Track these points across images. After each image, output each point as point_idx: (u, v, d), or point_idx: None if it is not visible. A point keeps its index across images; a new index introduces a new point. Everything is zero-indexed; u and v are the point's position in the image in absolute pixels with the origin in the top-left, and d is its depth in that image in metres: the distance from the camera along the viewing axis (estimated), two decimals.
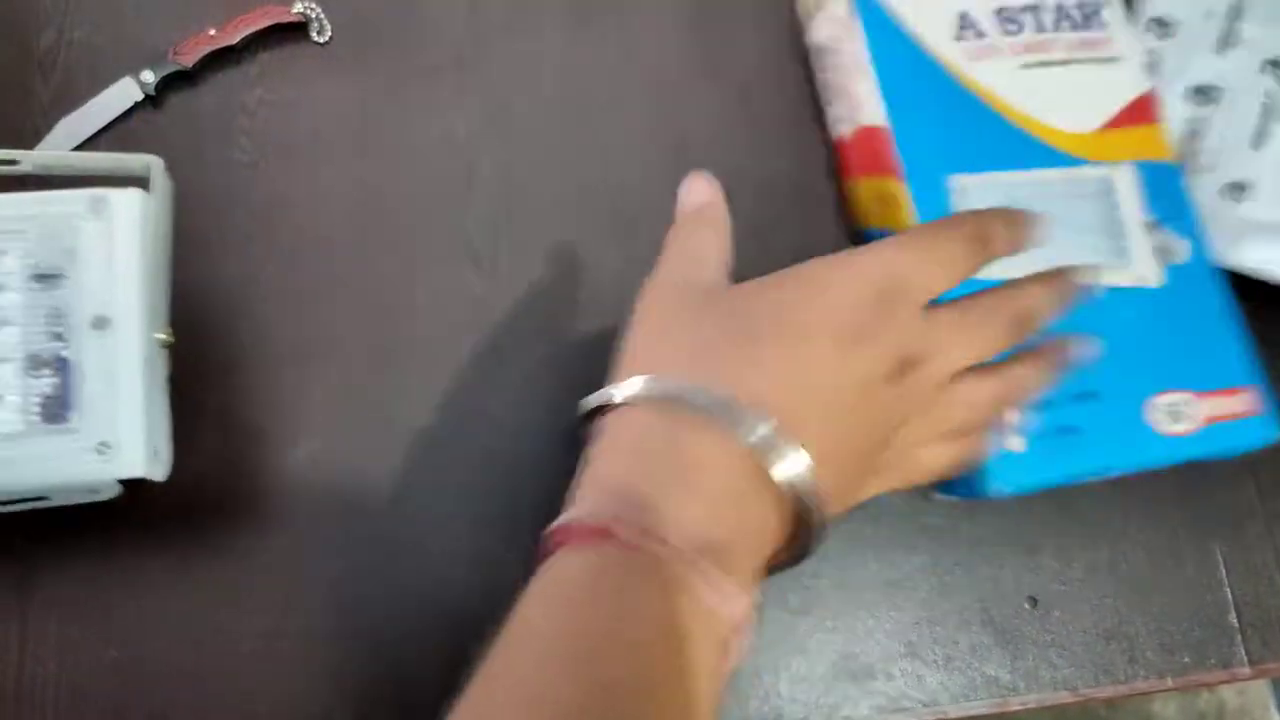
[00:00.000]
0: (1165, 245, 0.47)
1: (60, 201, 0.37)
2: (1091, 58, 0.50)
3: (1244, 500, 0.50)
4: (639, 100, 0.53)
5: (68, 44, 0.50)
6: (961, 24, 0.50)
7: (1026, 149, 0.48)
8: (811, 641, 0.45)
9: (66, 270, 0.36)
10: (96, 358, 0.36)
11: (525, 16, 0.54)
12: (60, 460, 0.35)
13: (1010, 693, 0.46)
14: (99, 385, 0.35)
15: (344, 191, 0.49)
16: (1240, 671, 0.47)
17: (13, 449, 0.35)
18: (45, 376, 0.35)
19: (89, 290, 0.36)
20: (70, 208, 0.37)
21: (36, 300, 0.36)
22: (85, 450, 0.35)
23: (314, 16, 0.51)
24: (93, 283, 0.36)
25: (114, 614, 0.42)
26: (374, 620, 0.43)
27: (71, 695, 0.40)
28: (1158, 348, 0.46)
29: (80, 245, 0.36)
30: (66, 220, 0.37)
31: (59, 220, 0.37)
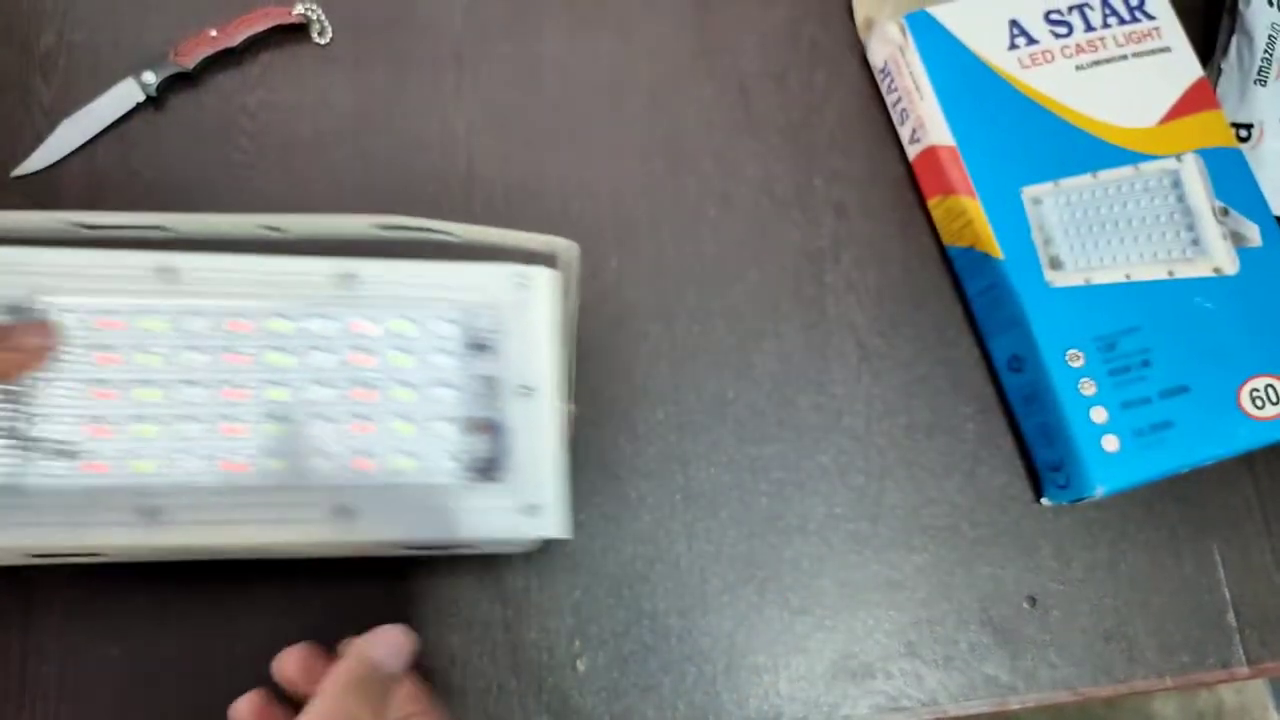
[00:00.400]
0: (1237, 231, 0.48)
1: (491, 275, 0.40)
2: (1143, 50, 0.51)
3: (1242, 500, 0.50)
4: (639, 100, 0.53)
5: (69, 46, 0.50)
6: (1013, 32, 0.50)
7: (1092, 151, 0.49)
8: (811, 640, 0.46)
9: (495, 340, 0.40)
10: (523, 423, 0.39)
11: (524, 17, 0.54)
12: (492, 516, 0.37)
13: (1009, 692, 0.46)
14: (526, 449, 0.38)
15: (345, 192, 0.49)
16: (1238, 671, 0.48)
17: (451, 501, 0.37)
18: (480, 438, 0.38)
19: (515, 360, 0.39)
20: (500, 282, 0.40)
21: (471, 367, 0.39)
22: (516, 510, 0.38)
23: (315, 18, 0.51)
24: (517, 353, 0.39)
25: (116, 613, 0.42)
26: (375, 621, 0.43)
27: (74, 694, 0.41)
28: (1240, 335, 0.46)
29: (507, 318, 0.40)
30: (496, 293, 0.40)
31: (490, 293, 0.40)
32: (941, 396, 0.50)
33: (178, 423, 0.37)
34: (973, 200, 0.48)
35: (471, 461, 0.38)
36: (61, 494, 0.35)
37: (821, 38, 0.55)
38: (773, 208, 0.52)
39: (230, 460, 0.36)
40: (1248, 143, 0.53)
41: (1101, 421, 0.45)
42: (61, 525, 0.35)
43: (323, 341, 0.38)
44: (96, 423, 0.36)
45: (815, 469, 0.48)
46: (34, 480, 0.35)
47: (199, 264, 0.38)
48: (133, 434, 0.36)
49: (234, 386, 0.37)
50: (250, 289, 0.38)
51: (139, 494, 0.35)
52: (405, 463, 0.38)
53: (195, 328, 0.37)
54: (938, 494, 0.48)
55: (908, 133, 0.52)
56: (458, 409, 0.39)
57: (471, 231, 0.41)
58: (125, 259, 0.37)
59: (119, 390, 0.37)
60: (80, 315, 0.37)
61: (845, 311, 0.51)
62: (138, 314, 0.37)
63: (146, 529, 0.35)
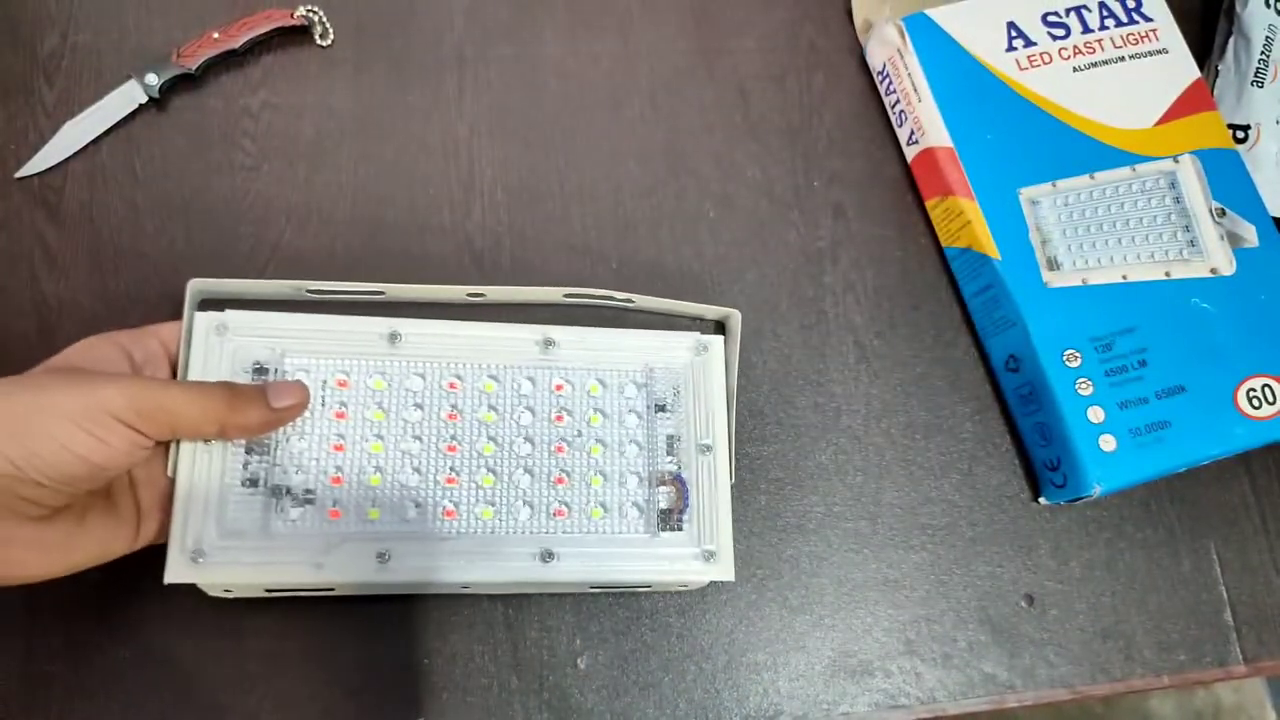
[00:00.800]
0: (1234, 231, 0.48)
1: (674, 342, 0.45)
2: (1141, 52, 0.51)
3: (1239, 500, 0.50)
4: (639, 102, 0.53)
5: (71, 47, 0.50)
6: (1011, 34, 0.51)
7: (1089, 152, 0.49)
8: (811, 639, 0.46)
9: (674, 401, 0.44)
10: (702, 478, 0.43)
11: (525, 20, 0.54)
12: (672, 562, 0.42)
13: (1008, 690, 0.46)
14: (704, 501, 0.43)
15: (346, 193, 0.49)
16: (1235, 669, 0.48)
17: (635, 549, 0.42)
18: (663, 491, 0.43)
19: (692, 419, 0.44)
20: (681, 348, 0.45)
21: (654, 425, 0.44)
22: (694, 556, 0.42)
23: (316, 20, 0.51)
24: (695, 413, 0.44)
25: (120, 612, 0.42)
26: (376, 620, 0.43)
27: (80, 695, 0.41)
28: (1237, 335, 0.47)
29: (685, 380, 0.44)
30: (677, 358, 0.45)
31: (671, 358, 0.45)
32: (939, 396, 0.50)
33: (400, 473, 0.41)
34: (971, 201, 0.48)
35: (655, 511, 0.43)
36: (304, 537, 0.39)
37: (820, 40, 0.56)
38: (772, 209, 0.52)
39: (448, 508, 0.41)
40: (1245, 144, 0.53)
41: (1099, 421, 0.45)
42: (304, 565, 0.38)
43: (528, 401, 0.43)
44: (335, 473, 0.40)
45: (814, 468, 0.48)
46: (280, 525, 0.39)
47: (420, 329, 0.42)
48: (363, 483, 0.40)
49: (451, 441, 0.42)
50: (464, 354, 0.43)
51: (371, 539, 0.39)
52: (597, 512, 0.42)
53: (415, 387, 0.42)
54: (936, 493, 0.48)
55: (906, 134, 0.53)
56: (643, 464, 0.43)
57: (649, 301, 0.47)
58: (359, 324, 0.42)
59: (351, 444, 0.41)
60: (316, 375, 0.41)
61: (844, 312, 0.51)
62: (367, 374, 0.42)
63: (377, 570, 0.39)
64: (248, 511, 0.39)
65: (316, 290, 0.44)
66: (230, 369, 0.40)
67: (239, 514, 0.38)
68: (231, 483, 0.39)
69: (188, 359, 0.40)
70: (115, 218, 0.47)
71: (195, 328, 0.40)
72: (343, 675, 0.42)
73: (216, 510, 0.38)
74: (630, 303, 0.46)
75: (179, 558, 0.37)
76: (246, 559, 0.38)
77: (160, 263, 0.47)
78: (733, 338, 0.46)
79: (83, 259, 0.46)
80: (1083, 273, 0.47)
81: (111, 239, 0.47)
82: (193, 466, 0.38)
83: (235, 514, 0.38)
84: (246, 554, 0.38)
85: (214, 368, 0.40)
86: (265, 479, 0.39)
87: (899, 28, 0.50)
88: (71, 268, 0.46)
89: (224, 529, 0.38)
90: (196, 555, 0.37)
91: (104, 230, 0.47)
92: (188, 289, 0.40)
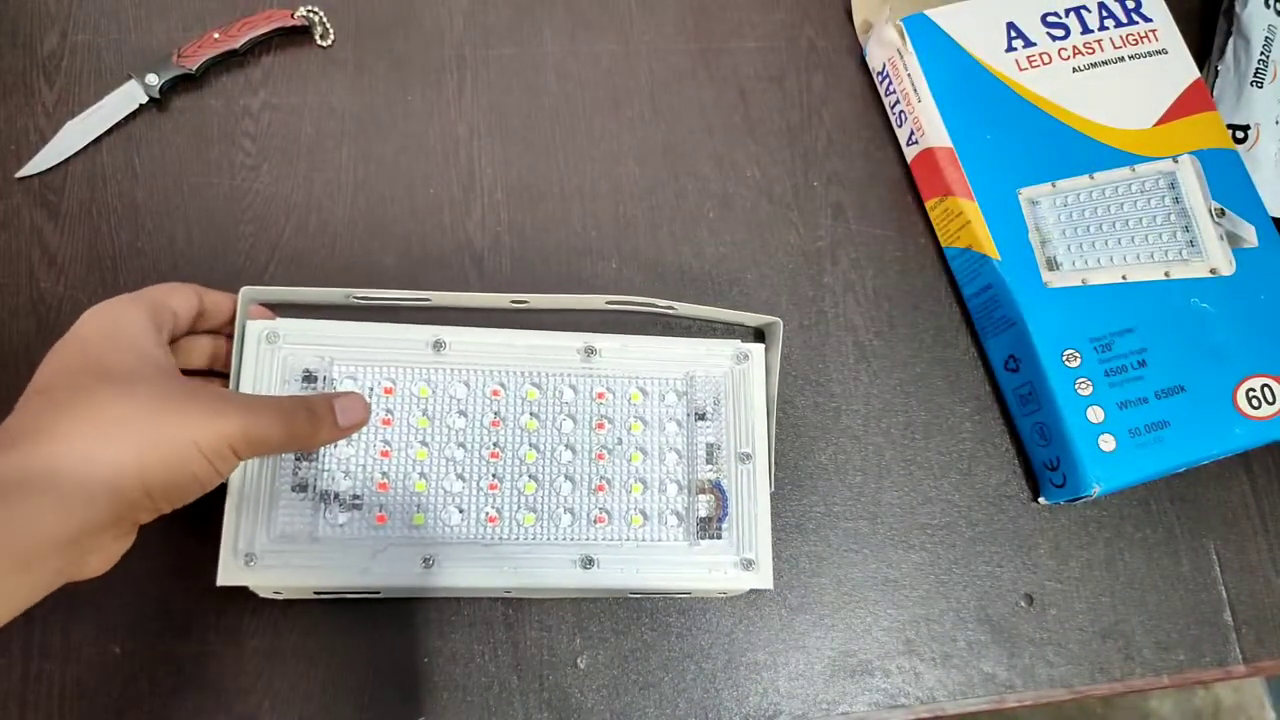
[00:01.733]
0: (1233, 232, 0.48)
1: (714, 350, 0.44)
2: (1140, 52, 0.51)
3: (1239, 499, 0.50)
4: (639, 103, 0.53)
5: (72, 47, 0.50)
6: (1010, 35, 0.51)
7: (1089, 152, 0.49)
8: (810, 638, 0.46)
9: (713, 410, 0.44)
10: (741, 486, 0.43)
11: (525, 21, 0.54)
12: (711, 570, 0.42)
13: (1007, 690, 0.46)
14: (744, 510, 0.43)
15: (346, 193, 0.49)
16: (1235, 669, 0.48)
17: (674, 556, 0.42)
18: (703, 499, 0.43)
19: (732, 427, 0.44)
20: (721, 356, 0.44)
21: (695, 434, 0.43)
22: (732, 564, 0.42)
23: (317, 20, 0.51)
24: (734, 421, 0.44)
25: (118, 611, 0.42)
26: (376, 619, 0.43)
27: (76, 691, 0.41)
28: (1237, 335, 0.47)
29: (726, 389, 0.44)
30: (717, 367, 0.44)
31: (711, 366, 0.44)
32: (939, 396, 0.50)
33: (445, 480, 0.41)
34: (970, 202, 0.48)
35: (695, 520, 0.43)
36: (351, 542, 0.40)
37: (820, 41, 0.56)
38: (771, 209, 0.52)
39: (491, 514, 0.41)
40: (1244, 144, 0.53)
41: (1098, 421, 0.45)
42: (352, 570, 0.39)
43: (570, 409, 0.43)
44: (381, 479, 0.41)
45: (813, 468, 0.48)
46: (328, 529, 0.40)
47: (464, 338, 0.43)
48: (409, 489, 0.41)
49: (494, 448, 0.42)
50: (507, 361, 0.43)
51: (416, 544, 0.40)
52: (637, 520, 0.42)
53: (459, 394, 0.42)
54: (935, 493, 0.48)
55: (905, 134, 0.53)
56: (683, 472, 0.43)
57: (690, 309, 0.46)
58: (405, 332, 0.42)
59: (397, 450, 0.41)
60: (363, 383, 0.42)
61: (843, 312, 0.51)
62: (412, 381, 0.42)
63: (422, 575, 0.40)
64: (297, 516, 0.39)
65: (364, 297, 0.44)
66: (280, 377, 0.41)
67: (289, 518, 0.39)
68: (281, 488, 0.39)
69: (239, 367, 0.40)
70: (115, 217, 0.47)
71: (247, 335, 0.41)
72: (343, 675, 0.42)
73: (267, 515, 0.39)
74: (672, 310, 0.46)
75: (231, 561, 0.38)
76: (296, 562, 0.39)
77: (160, 262, 0.47)
78: (774, 345, 0.45)
79: (82, 259, 0.46)
80: (1082, 273, 0.47)
81: (111, 238, 0.47)
82: (244, 472, 0.39)
83: (285, 518, 0.39)
84: (296, 557, 0.39)
85: (265, 376, 0.40)
86: (314, 485, 0.40)
87: (899, 28, 0.50)
88: (71, 267, 0.46)
89: (274, 533, 0.39)
90: (249, 559, 0.38)
91: (104, 230, 0.47)
92: (239, 296, 0.41)
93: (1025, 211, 0.48)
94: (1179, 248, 0.48)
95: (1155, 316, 0.47)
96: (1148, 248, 0.48)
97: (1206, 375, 0.46)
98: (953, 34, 0.50)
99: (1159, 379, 0.46)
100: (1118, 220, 0.48)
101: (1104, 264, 0.48)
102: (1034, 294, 0.47)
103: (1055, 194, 0.48)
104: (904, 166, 0.53)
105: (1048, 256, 0.48)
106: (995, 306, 0.48)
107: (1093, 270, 0.47)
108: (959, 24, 0.50)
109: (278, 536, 0.39)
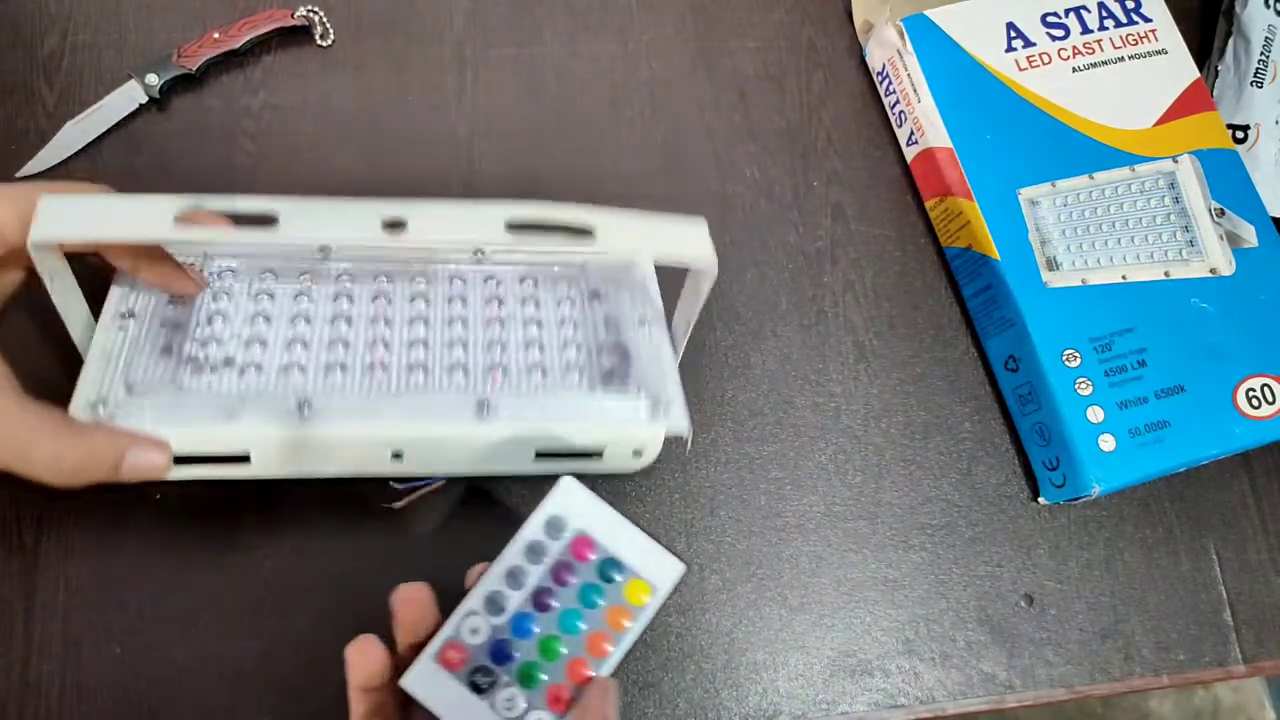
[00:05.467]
0: (1233, 231, 0.48)
1: None
2: (1140, 52, 0.51)
3: (1238, 499, 0.50)
4: (639, 103, 0.53)
5: (72, 48, 0.50)
6: (1010, 35, 0.51)
7: (1088, 152, 0.49)
8: (810, 638, 0.46)
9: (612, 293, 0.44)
10: (643, 346, 0.42)
11: (525, 20, 0.54)
12: (621, 417, 0.40)
13: (1007, 690, 0.46)
14: (648, 363, 0.41)
15: (346, 193, 0.49)
16: (1235, 669, 0.48)
17: (579, 403, 0.40)
18: (606, 357, 0.42)
19: (627, 302, 0.44)
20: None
21: (591, 312, 0.44)
22: (642, 409, 0.40)
23: (316, 20, 0.51)
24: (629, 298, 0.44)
25: (118, 610, 0.42)
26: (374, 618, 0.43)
27: (75, 690, 0.41)
28: (1236, 335, 0.47)
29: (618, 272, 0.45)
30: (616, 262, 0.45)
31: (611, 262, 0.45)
32: (939, 396, 0.50)
33: (331, 350, 0.40)
34: (970, 202, 0.48)
35: (599, 374, 0.42)
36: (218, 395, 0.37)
37: (820, 41, 0.56)
38: (771, 209, 0.52)
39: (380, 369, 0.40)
40: (1244, 144, 0.53)
41: (1098, 421, 0.45)
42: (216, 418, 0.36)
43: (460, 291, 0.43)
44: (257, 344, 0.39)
45: (813, 468, 0.48)
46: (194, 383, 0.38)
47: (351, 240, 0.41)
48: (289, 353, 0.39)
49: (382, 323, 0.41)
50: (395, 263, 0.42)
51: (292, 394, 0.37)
52: (537, 377, 0.41)
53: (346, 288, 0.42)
54: (935, 493, 0.48)
55: (905, 135, 0.53)
56: (583, 337, 0.43)
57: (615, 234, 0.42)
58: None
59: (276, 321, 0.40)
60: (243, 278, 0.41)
61: (843, 312, 0.51)
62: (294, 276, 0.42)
63: (298, 422, 0.36)
64: (159, 370, 0.37)
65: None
66: None
67: (149, 373, 0.37)
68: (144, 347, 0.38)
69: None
70: None
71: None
72: (343, 675, 0.42)
73: (125, 366, 0.37)
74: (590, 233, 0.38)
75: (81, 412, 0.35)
76: (153, 413, 0.35)
77: None
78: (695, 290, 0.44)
79: None
80: (1082, 273, 0.47)
81: None
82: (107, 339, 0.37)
83: (145, 373, 0.37)
84: (154, 410, 0.35)
85: None
86: (182, 349, 0.38)
87: (899, 29, 0.50)
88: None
89: (132, 387, 0.36)
90: (98, 405, 0.35)
91: None
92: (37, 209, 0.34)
93: (1025, 211, 0.48)
94: (1179, 248, 0.48)
95: (1155, 316, 0.47)
96: (1148, 248, 0.48)
97: (1206, 375, 0.46)
98: (953, 34, 0.50)
99: (1159, 379, 0.46)
100: (1118, 220, 0.48)
101: (1104, 264, 0.48)
102: (1034, 294, 0.47)
103: (1055, 194, 0.48)
104: (904, 166, 0.53)
105: (1048, 256, 0.48)
106: (995, 306, 0.48)
107: (1092, 270, 0.47)
108: (959, 24, 0.50)
109: (136, 388, 0.36)
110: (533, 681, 0.32)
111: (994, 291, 0.48)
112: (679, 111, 0.53)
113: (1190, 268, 0.47)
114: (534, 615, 0.33)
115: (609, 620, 0.33)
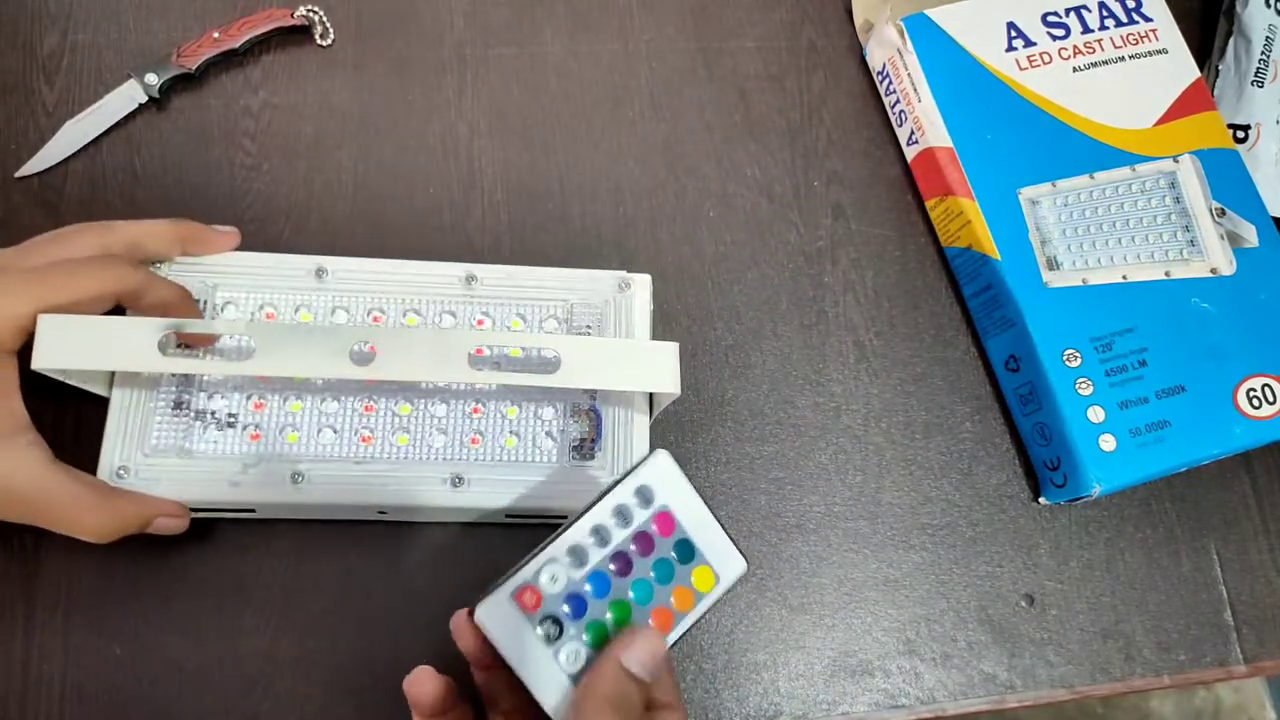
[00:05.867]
0: (1234, 231, 0.48)
1: (596, 279, 0.45)
2: (1140, 52, 0.51)
3: (1239, 499, 0.50)
4: (639, 102, 0.53)
5: (71, 47, 0.50)
6: (1011, 34, 0.51)
7: (1089, 152, 0.49)
8: (811, 638, 0.46)
9: (595, 332, 0.45)
10: (617, 412, 0.43)
11: (525, 20, 0.54)
12: (580, 487, 0.42)
13: (1007, 690, 0.46)
14: (618, 431, 0.43)
15: (346, 193, 0.49)
16: (1236, 669, 0.48)
17: (547, 476, 0.42)
18: (580, 424, 0.43)
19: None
20: (604, 285, 0.45)
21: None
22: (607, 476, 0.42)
23: (316, 20, 0.51)
24: None
25: (118, 612, 0.42)
26: (375, 618, 0.43)
27: (76, 693, 0.41)
28: (1237, 335, 0.47)
29: (606, 316, 0.45)
30: (598, 294, 0.45)
31: (592, 294, 0.45)
32: (939, 396, 0.50)
33: (321, 404, 0.42)
34: (970, 201, 0.48)
35: (570, 441, 0.43)
36: (223, 459, 0.41)
37: (820, 41, 0.56)
38: (771, 209, 0.52)
39: (365, 434, 0.42)
40: (1245, 144, 0.53)
41: (1099, 421, 0.45)
42: (222, 483, 0.40)
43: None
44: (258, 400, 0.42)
45: (814, 468, 0.48)
46: (201, 445, 0.41)
47: (346, 266, 0.44)
48: (285, 410, 0.42)
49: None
50: (388, 289, 0.44)
51: (288, 461, 0.41)
52: (511, 441, 0.43)
53: (339, 320, 0.43)
54: (935, 493, 0.48)
55: (906, 134, 0.53)
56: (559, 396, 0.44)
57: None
58: (287, 261, 0.43)
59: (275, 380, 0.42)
60: (245, 308, 0.43)
61: (843, 311, 0.51)
62: (292, 308, 0.43)
63: (293, 491, 0.40)
64: (172, 431, 0.41)
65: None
66: None
67: (163, 433, 0.40)
68: (159, 405, 0.41)
69: None
70: (115, 217, 0.47)
71: None
72: (342, 676, 0.42)
73: (142, 430, 0.40)
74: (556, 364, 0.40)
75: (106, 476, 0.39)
76: (168, 476, 0.40)
77: None
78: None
79: None
80: (1082, 273, 0.47)
81: None
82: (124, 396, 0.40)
83: (159, 433, 0.40)
84: (168, 472, 0.40)
85: None
86: (190, 403, 0.41)
87: (899, 28, 0.50)
88: None
89: (148, 447, 0.40)
90: (122, 472, 0.39)
91: None
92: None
93: (1025, 211, 0.48)
94: (1179, 247, 0.48)
95: (1155, 316, 0.47)
96: (1148, 247, 0.48)
97: (1207, 375, 0.46)
98: (953, 34, 0.50)
99: (1159, 379, 0.46)
100: (1118, 220, 0.48)
101: (1104, 264, 0.48)
102: (1034, 294, 0.47)
103: (1055, 194, 0.48)
104: (904, 166, 0.53)
105: (1048, 256, 0.48)
106: (995, 306, 0.48)
107: (1093, 270, 0.47)
108: (959, 24, 0.50)
109: (151, 450, 0.40)
110: (601, 640, 0.32)
111: (994, 291, 0.48)
112: (679, 111, 0.53)
113: (1191, 267, 0.47)
114: (611, 576, 0.33)
115: (675, 599, 0.34)
